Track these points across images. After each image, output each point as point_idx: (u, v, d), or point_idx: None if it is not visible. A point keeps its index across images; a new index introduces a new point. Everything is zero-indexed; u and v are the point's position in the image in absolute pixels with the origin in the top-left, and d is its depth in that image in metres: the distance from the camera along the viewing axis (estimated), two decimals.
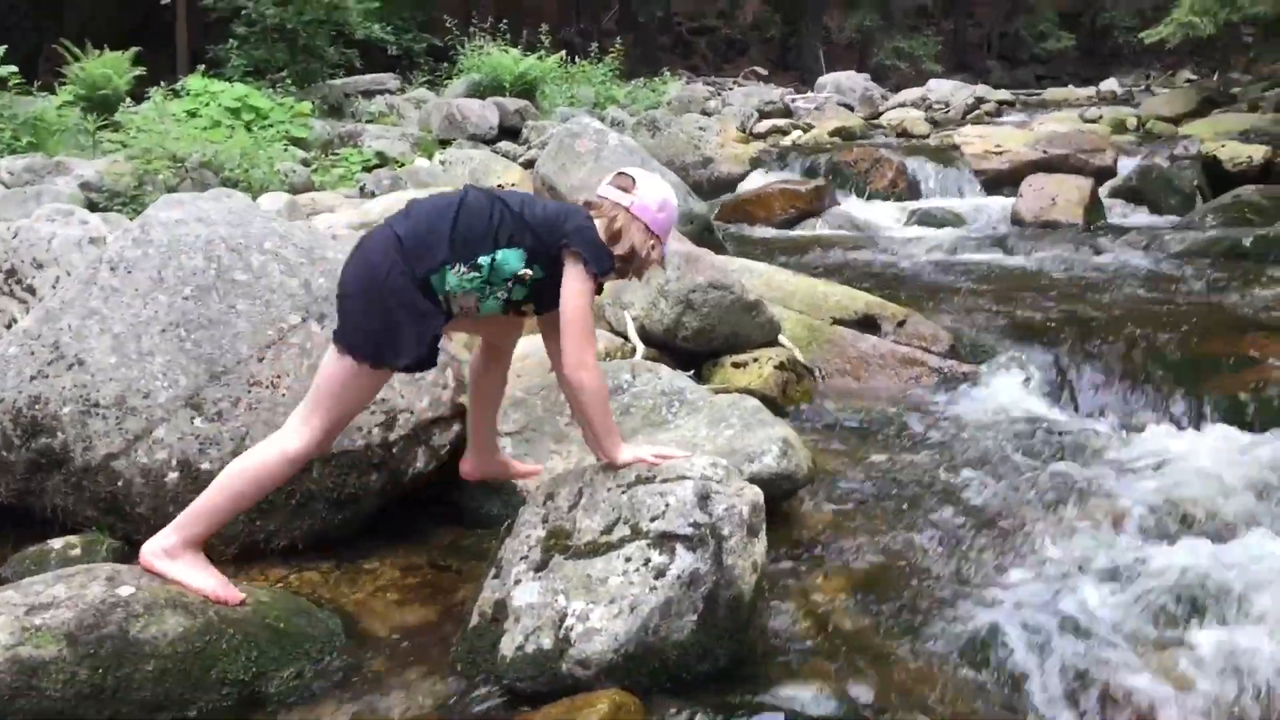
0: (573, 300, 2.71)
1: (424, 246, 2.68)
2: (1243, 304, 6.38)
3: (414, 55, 19.57)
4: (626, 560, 2.49)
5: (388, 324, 2.67)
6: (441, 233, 2.69)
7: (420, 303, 2.67)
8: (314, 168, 10.46)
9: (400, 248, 2.68)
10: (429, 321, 2.69)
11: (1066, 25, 34.82)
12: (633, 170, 2.94)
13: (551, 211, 2.82)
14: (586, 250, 2.71)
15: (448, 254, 2.67)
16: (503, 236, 2.71)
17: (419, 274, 2.66)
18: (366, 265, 2.72)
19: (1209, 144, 11.67)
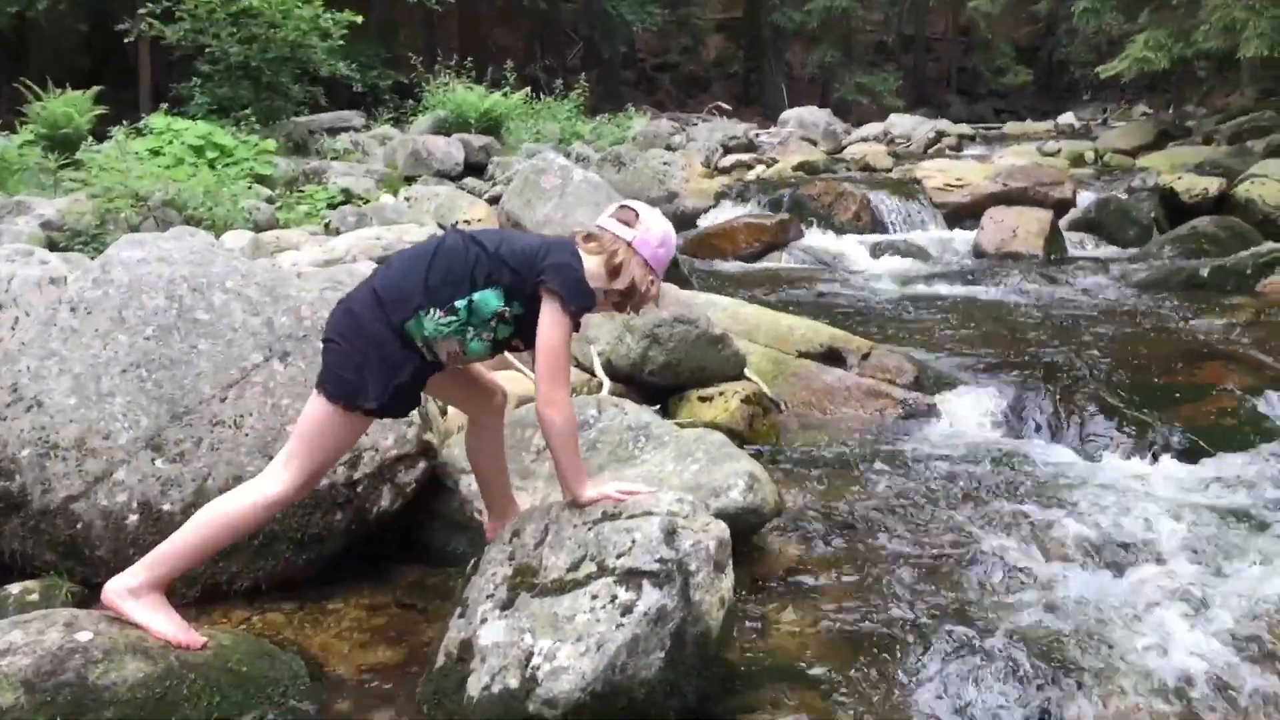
0: (545, 338, 2.69)
1: (399, 295, 2.68)
2: (1200, 333, 6.48)
3: (379, 92, 19.60)
4: (593, 598, 2.48)
5: (361, 370, 2.67)
6: (416, 279, 2.69)
7: (393, 350, 2.68)
8: (279, 205, 10.42)
9: (377, 297, 2.69)
10: (400, 369, 2.69)
11: (1024, 60, 35.39)
12: (635, 204, 2.93)
13: (530, 247, 2.78)
14: (563, 287, 2.68)
15: (421, 299, 2.67)
16: (479, 277, 2.69)
17: (394, 322, 2.66)
18: (348, 315, 2.74)
19: (1165, 176, 11.89)
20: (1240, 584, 3.34)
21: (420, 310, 2.66)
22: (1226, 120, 19.46)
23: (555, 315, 2.69)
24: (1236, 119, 18.88)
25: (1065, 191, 12.22)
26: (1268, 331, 6.41)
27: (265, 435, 3.26)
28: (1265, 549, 3.60)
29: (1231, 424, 4.91)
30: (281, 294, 3.54)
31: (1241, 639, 2.92)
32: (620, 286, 2.78)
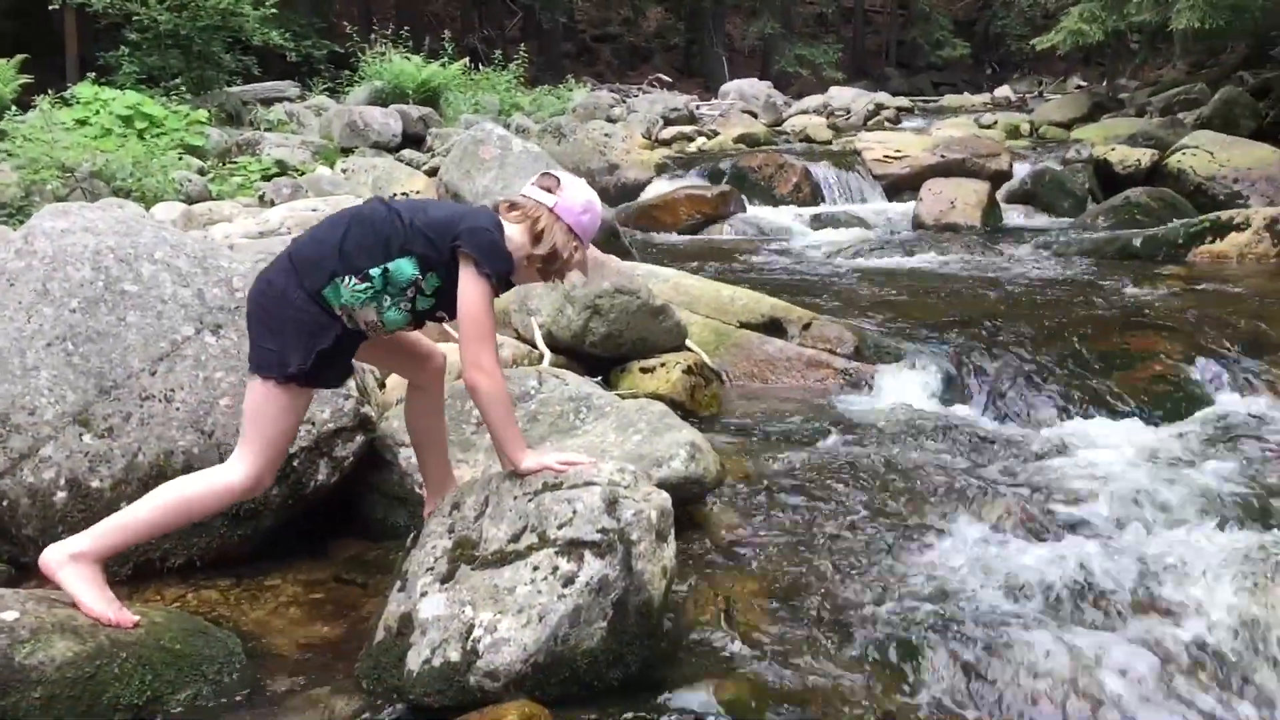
0: (465, 302, 2.66)
1: (311, 262, 2.65)
2: (1133, 302, 6.58)
3: (314, 62, 19.24)
4: (534, 569, 2.45)
5: (281, 337, 2.62)
6: (329, 246, 2.66)
7: (311, 316, 2.63)
8: (211, 176, 10.22)
9: (292, 264, 2.65)
10: (319, 335, 2.64)
11: (961, 33, 35.64)
12: (558, 171, 2.91)
13: (445, 215, 2.75)
14: (478, 250, 2.66)
15: (335, 266, 2.63)
16: (394, 246, 2.66)
17: (309, 288, 2.62)
18: (266, 284, 2.69)
19: (1099, 148, 12.06)
20: (1176, 547, 3.39)
21: (335, 277, 2.63)
22: (1159, 92, 19.78)
23: (473, 279, 2.66)
24: (1168, 91, 19.19)
25: (1002, 163, 12.35)
26: (1197, 300, 6.52)
27: (197, 410, 3.19)
28: (1199, 512, 3.67)
29: (1164, 390, 4.99)
30: (213, 265, 3.46)
31: (1178, 604, 2.97)
32: (542, 252, 2.76)
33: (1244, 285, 6.95)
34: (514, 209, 2.80)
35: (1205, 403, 4.92)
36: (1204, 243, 8.02)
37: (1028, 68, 32.91)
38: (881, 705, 2.59)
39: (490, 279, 2.67)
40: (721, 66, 31.51)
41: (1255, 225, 7.92)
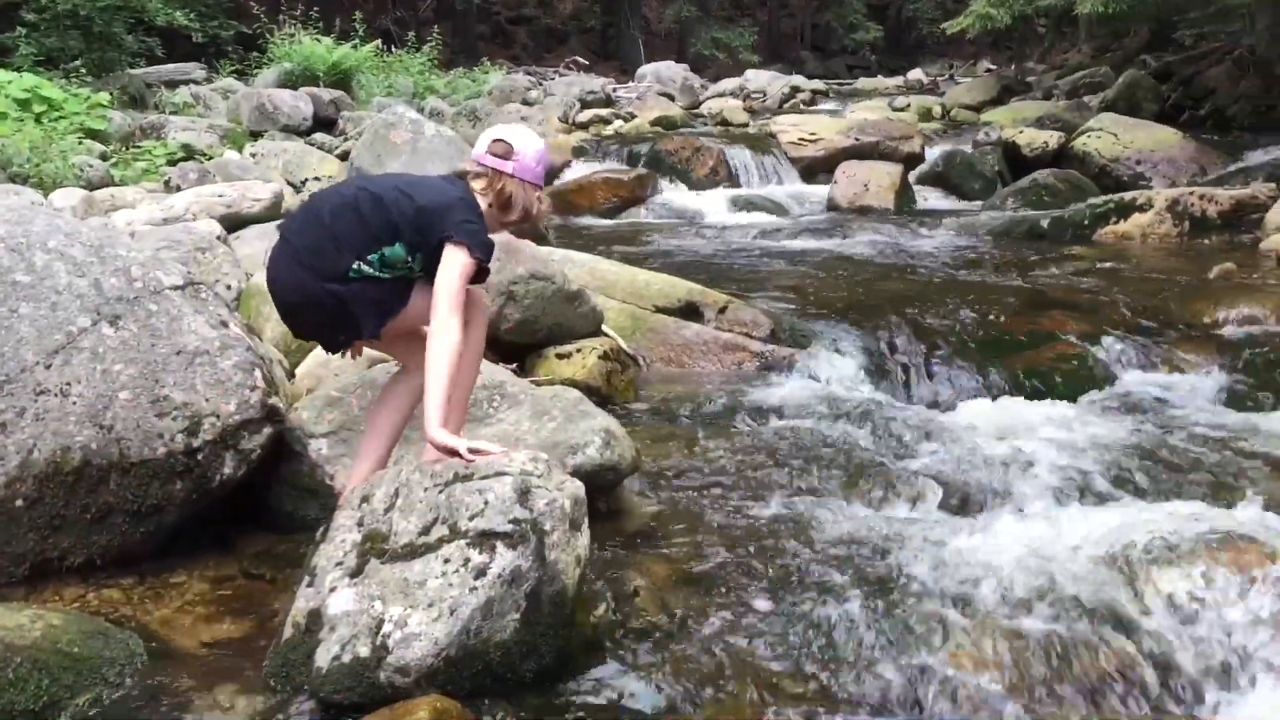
0: (448, 276, 2.81)
1: (323, 255, 2.87)
2: (1041, 282, 6.71)
3: (221, 43, 18.77)
4: (445, 561, 2.42)
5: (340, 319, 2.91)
6: (334, 235, 2.87)
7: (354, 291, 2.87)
8: (114, 161, 9.90)
9: (301, 261, 2.88)
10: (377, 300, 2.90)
11: (874, 17, 36.02)
12: (504, 133, 3.07)
13: (432, 204, 2.89)
14: (469, 238, 2.84)
15: (349, 252, 2.85)
16: (388, 235, 2.87)
17: (334, 275, 2.85)
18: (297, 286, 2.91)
19: (1008, 131, 12.27)
20: (1086, 523, 3.46)
21: (352, 265, 2.85)
22: (1065, 76, 20.20)
23: (459, 260, 2.83)
24: (1074, 75, 19.60)
25: (914, 146, 12.51)
26: (1103, 279, 6.67)
27: (95, 404, 3.08)
28: (1108, 488, 3.76)
29: (1070, 369, 5.10)
30: (110, 254, 3.35)
31: (1089, 579, 3.02)
32: (514, 217, 3.03)
33: (1147, 265, 7.13)
34: (477, 179, 3.01)
35: (1109, 380, 5.04)
36: (1109, 223, 8.21)
37: (939, 51, 33.37)
38: (797, 687, 2.61)
39: (479, 260, 2.86)
40: (638, 49, 31.43)
41: (1157, 206, 8.12)
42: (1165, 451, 4.08)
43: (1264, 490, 3.68)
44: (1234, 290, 6.16)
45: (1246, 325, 5.65)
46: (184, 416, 3.16)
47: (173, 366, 3.19)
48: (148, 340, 3.21)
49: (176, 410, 3.14)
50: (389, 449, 3.14)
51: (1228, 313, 5.77)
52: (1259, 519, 3.35)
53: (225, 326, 3.38)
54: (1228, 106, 13.53)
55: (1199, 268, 6.79)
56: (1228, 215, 7.97)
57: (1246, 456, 3.98)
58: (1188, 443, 4.16)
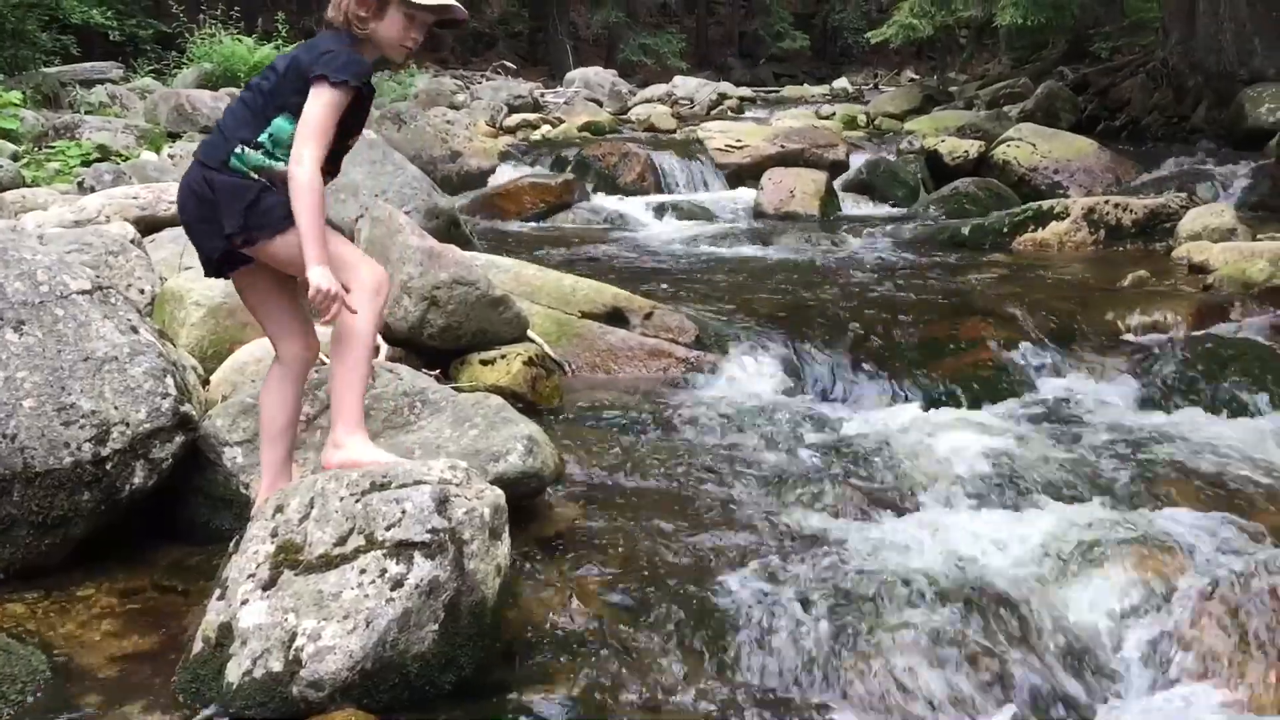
0: (307, 110, 2.71)
1: (210, 145, 2.82)
2: (962, 290, 6.80)
3: (139, 42, 18.37)
4: (361, 572, 2.37)
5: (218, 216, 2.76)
6: (217, 130, 2.84)
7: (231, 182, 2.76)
8: (25, 162, 9.61)
9: (199, 161, 2.82)
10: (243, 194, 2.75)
11: (801, 26, 36.40)
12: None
13: (300, 57, 2.81)
14: (326, 67, 2.71)
15: (232, 141, 2.76)
16: (271, 108, 2.78)
17: (215, 164, 2.76)
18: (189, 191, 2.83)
19: (930, 139, 12.45)
20: (1004, 528, 3.52)
21: (233, 149, 2.75)
22: (985, 86, 20.57)
23: (319, 90, 2.71)
24: (994, 85, 19.97)
25: (839, 153, 12.64)
26: (1021, 287, 6.79)
27: None
28: (1025, 493, 3.82)
29: (989, 375, 5.18)
30: (14, 257, 3.24)
31: (1006, 583, 3.07)
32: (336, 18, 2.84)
33: (1064, 272, 7.27)
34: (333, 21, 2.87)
35: (1028, 386, 5.12)
36: (1027, 231, 8.36)
37: (864, 60, 33.81)
38: (720, 693, 2.61)
39: (344, 84, 2.73)
40: (567, 54, 31.41)
41: (1074, 214, 8.29)
42: (1082, 457, 4.15)
43: (1177, 497, 3.76)
44: (1147, 297, 6.31)
45: (1159, 332, 5.78)
46: (92, 425, 3.07)
47: (80, 373, 3.10)
48: (54, 346, 3.11)
49: (84, 418, 3.05)
50: (288, 451, 3.05)
51: (1141, 319, 5.90)
52: (1173, 526, 3.42)
53: (135, 332, 3.29)
54: (1142, 118, 13.88)
55: (1114, 275, 6.94)
56: (1141, 224, 8.17)
57: (1160, 462, 4.07)
58: (1103, 448, 4.23)
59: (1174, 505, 3.69)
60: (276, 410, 2.99)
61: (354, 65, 2.76)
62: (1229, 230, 7.56)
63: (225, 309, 4.45)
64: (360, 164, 7.32)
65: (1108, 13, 17.99)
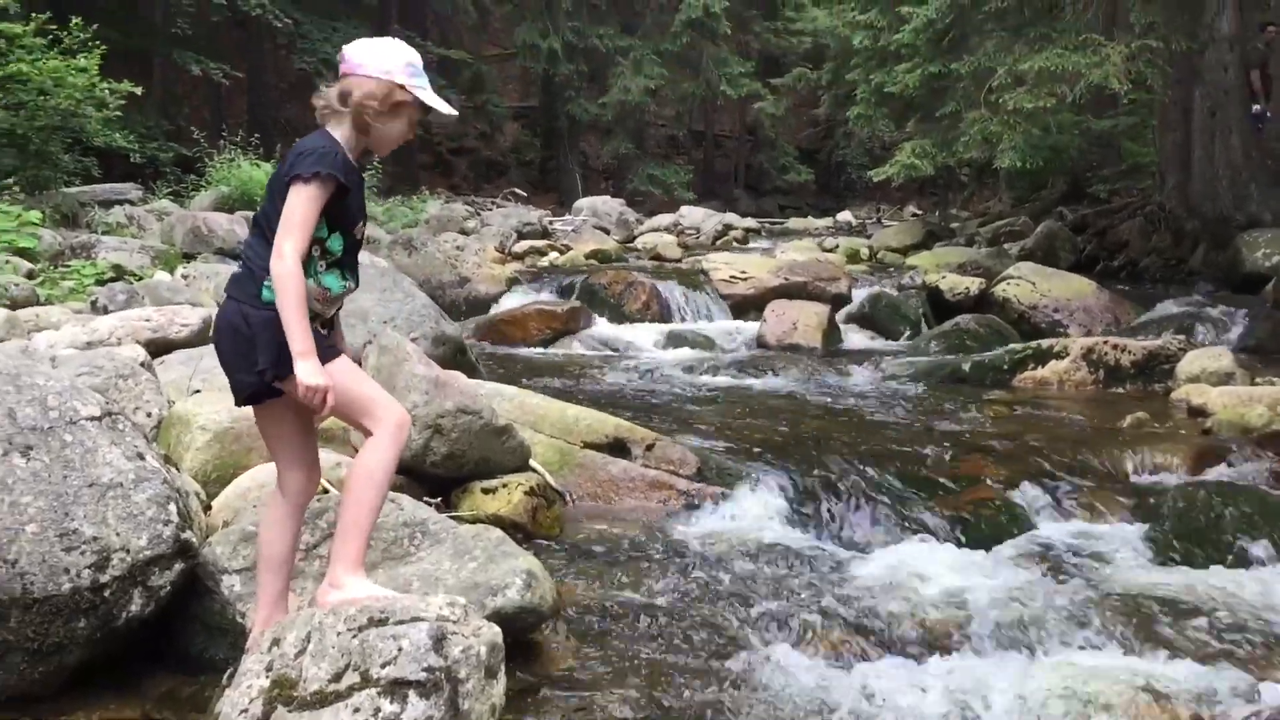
0: (288, 208, 2.76)
1: (243, 280, 2.88)
2: (962, 426, 6.84)
3: (159, 164, 18.81)
4: (355, 711, 2.36)
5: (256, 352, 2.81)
6: (247, 261, 2.89)
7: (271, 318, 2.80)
8: (40, 280, 9.78)
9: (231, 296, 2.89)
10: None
11: (806, 160, 37.16)
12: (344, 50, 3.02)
13: (281, 171, 2.86)
14: (297, 167, 2.77)
15: (258, 273, 2.82)
16: (271, 232, 2.81)
17: (251, 299, 2.83)
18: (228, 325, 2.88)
19: (931, 275, 12.62)
20: (998, 672, 3.49)
21: (264, 282, 2.80)
22: (987, 223, 20.94)
23: (294, 189, 2.77)
24: (996, 223, 20.33)
25: (841, 287, 12.82)
26: (1021, 425, 6.83)
27: (1, 536, 3.00)
28: (1027, 636, 3.80)
29: (989, 515, 5.18)
30: (27, 383, 3.30)
31: None
32: (356, 99, 2.88)
33: (1063, 411, 7.31)
34: (327, 114, 2.94)
35: (1027, 527, 5.11)
36: (1027, 369, 8.43)
37: (868, 194, 34.45)
38: None
39: (315, 178, 2.76)
40: (576, 183, 32.08)
41: (1073, 354, 8.37)
42: (1082, 602, 4.12)
43: (1177, 645, 3.74)
44: (1146, 439, 6.34)
45: (1159, 474, 5.81)
46: (93, 551, 3.08)
47: (84, 499, 3.12)
48: (60, 472, 3.14)
49: (85, 544, 3.06)
50: (287, 581, 3.08)
51: (1141, 462, 5.92)
52: (1173, 674, 3.40)
53: (141, 458, 3.32)
54: (1140, 259, 14.09)
55: (1114, 416, 6.98)
56: (1140, 365, 8.24)
57: (1160, 610, 4.04)
58: (1103, 593, 4.21)
59: (1174, 653, 3.67)
60: (277, 540, 3.02)
61: (326, 159, 2.80)
62: (1227, 373, 7.62)
63: (231, 434, 4.50)
64: (370, 290, 7.45)
65: (1106, 156, 18.41)
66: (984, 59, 12.89)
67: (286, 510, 3.03)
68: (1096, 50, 11.00)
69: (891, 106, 18.03)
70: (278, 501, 3.05)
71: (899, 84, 15.94)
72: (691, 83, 33.08)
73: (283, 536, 3.02)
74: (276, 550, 3.01)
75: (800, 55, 32.56)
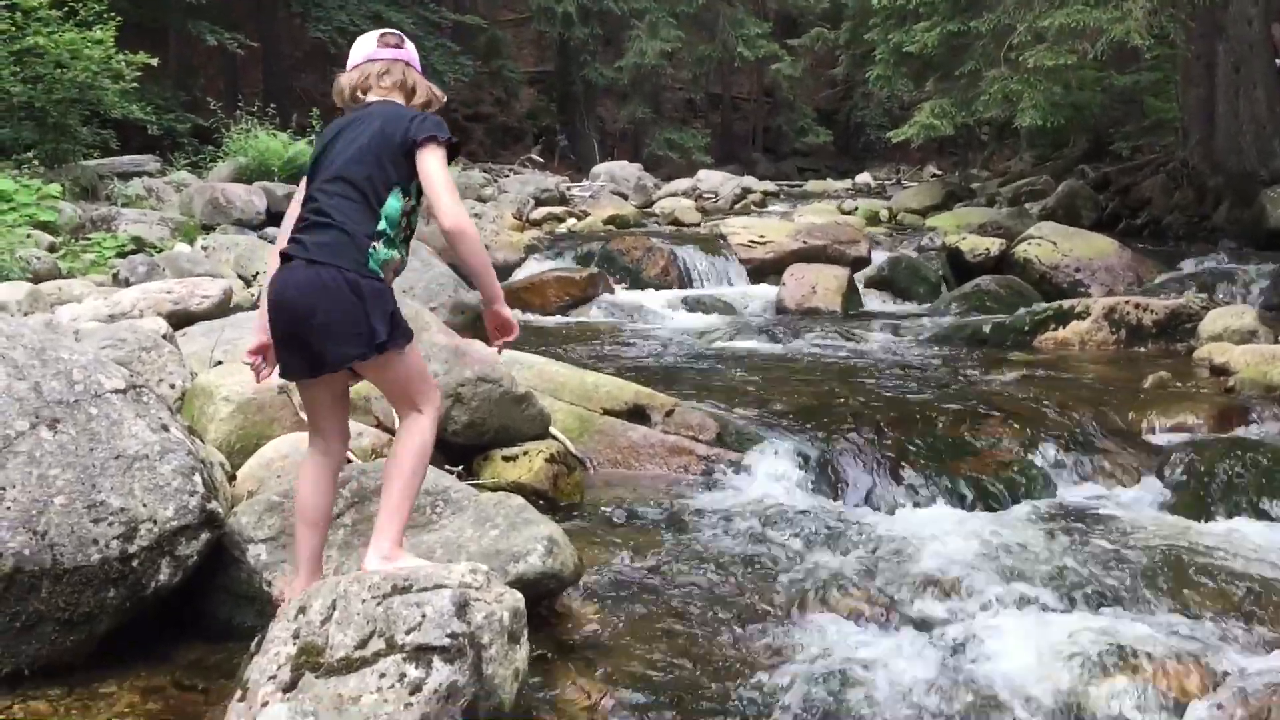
0: (437, 173, 2.87)
1: (340, 246, 2.83)
2: (983, 388, 6.82)
3: (177, 136, 18.84)
4: (381, 676, 2.40)
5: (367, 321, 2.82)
6: (340, 225, 2.85)
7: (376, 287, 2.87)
8: (62, 254, 9.85)
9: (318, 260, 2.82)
10: (388, 299, 2.89)
11: (824, 122, 36.91)
12: (383, 30, 3.23)
13: (383, 135, 2.92)
14: (436, 129, 2.92)
15: (362, 242, 2.84)
16: (381, 190, 2.88)
17: (359, 269, 2.83)
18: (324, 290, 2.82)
19: (951, 236, 12.56)
20: (1027, 630, 3.51)
21: (368, 249, 2.84)
22: (1007, 183, 20.79)
23: (435, 153, 2.90)
24: (1016, 182, 20.19)
25: (861, 249, 12.78)
26: (1042, 386, 6.80)
27: (29, 509, 3.04)
28: (1049, 598, 3.81)
29: (1009, 477, 5.18)
30: (52, 356, 3.33)
31: (1031, 691, 3.05)
32: (419, 102, 3.12)
33: (1084, 372, 7.29)
34: (385, 79, 3.10)
35: (1048, 488, 5.11)
36: (1048, 330, 8.40)
37: (887, 155, 34.22)
38: None
39: (446, 143, 2.94)
40: (593, 148, 31.98)
41: (1095, 314, 8.33)
42: (1104, 561, 4.12)
43: (1201, 603, 3.74)
44: (1169, 399, 6.32)
45: (1180, 434, 5.78)
46: (120, 522, 3.12)
47: (111, 471, 3.16)
48: (86, 444, 3.18)
49: (113, 516, 3.10)
50: (324, 540, 3.16)
51: (1163, 421, 5.91)
52: (1198, 632, 3.41)
53: (166, 430, 3.36)
54: (1163, 217, 13.98)
55: (1135, 376, 6.96)
56: (1162, 324, 8.20)
57: (1183, 568, 4.04)
58: (1126, 552, 4.22)
59: (1198, 611, 3.67)
60: (320, 498, 3.09)
61: (444, 126, 2.97)
62: (1250, 332, 7.57)
63: (254, 405, 4.54)
64: None
65: (1128, 113, 18.22)
66: (1003, 16, 12.76)
67: (325, 472, 3.10)
68: (1118, 5, 10.86)
69: (910, 66, 17.86)
70: (317, 462, 3.11)
71: (918, 43, 15.79)
72: (708, 45, 32.89)
73: (325, 494, 3.11)
74: (320, 508, 3.09)
75: (818, 15, 32.24)
